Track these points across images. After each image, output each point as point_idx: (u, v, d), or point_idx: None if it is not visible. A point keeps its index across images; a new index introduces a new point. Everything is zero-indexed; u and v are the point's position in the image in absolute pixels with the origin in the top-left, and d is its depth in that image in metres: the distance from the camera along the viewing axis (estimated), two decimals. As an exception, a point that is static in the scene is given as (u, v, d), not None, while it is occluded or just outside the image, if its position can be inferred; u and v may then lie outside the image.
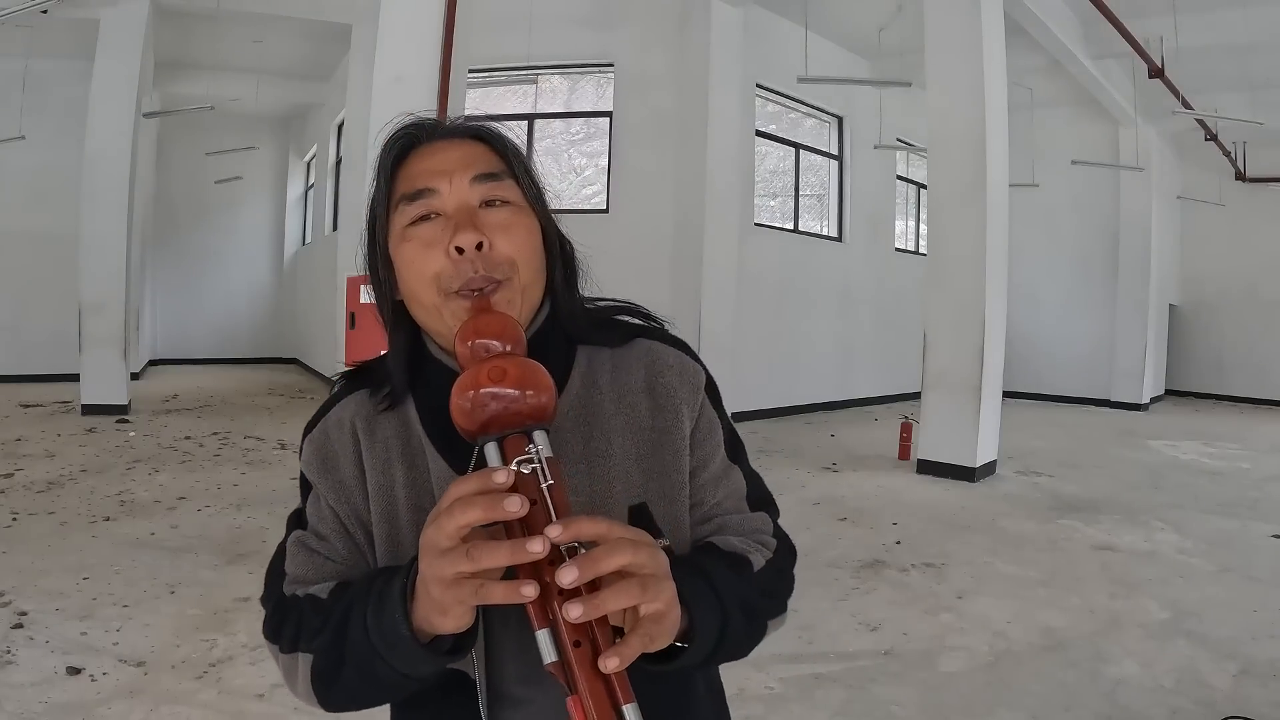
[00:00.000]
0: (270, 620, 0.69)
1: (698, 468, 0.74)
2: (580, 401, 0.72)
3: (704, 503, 0.74)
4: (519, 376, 0.57)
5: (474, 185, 0.67)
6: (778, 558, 0.74)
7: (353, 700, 0.65)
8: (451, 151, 0.69)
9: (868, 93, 9.28)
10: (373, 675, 0.61)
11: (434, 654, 0.59)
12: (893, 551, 4.07)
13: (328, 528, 0.72)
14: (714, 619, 0.63)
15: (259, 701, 2.34)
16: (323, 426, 0.74)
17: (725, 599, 0.64)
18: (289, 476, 5.23)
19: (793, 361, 8.98)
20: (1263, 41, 7.58)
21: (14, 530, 3.88)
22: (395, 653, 0.59)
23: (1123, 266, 10.89)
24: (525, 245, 0.68)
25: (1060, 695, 2.53)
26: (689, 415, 0.73)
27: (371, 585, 0.62)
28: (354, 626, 0.61)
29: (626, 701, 0.51)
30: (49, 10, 6.72)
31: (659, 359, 0.75)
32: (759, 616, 0.69)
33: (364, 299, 4.27)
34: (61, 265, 9.07)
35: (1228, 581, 3.72)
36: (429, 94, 4.28)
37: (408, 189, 0.68)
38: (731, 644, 0.65)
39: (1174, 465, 6.80)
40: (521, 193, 0.70)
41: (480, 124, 0.72)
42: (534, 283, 0.70)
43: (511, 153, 0.71)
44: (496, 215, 0.67)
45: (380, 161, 0.71)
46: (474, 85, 6.90)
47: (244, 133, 11.74)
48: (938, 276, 6.05)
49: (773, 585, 0.71)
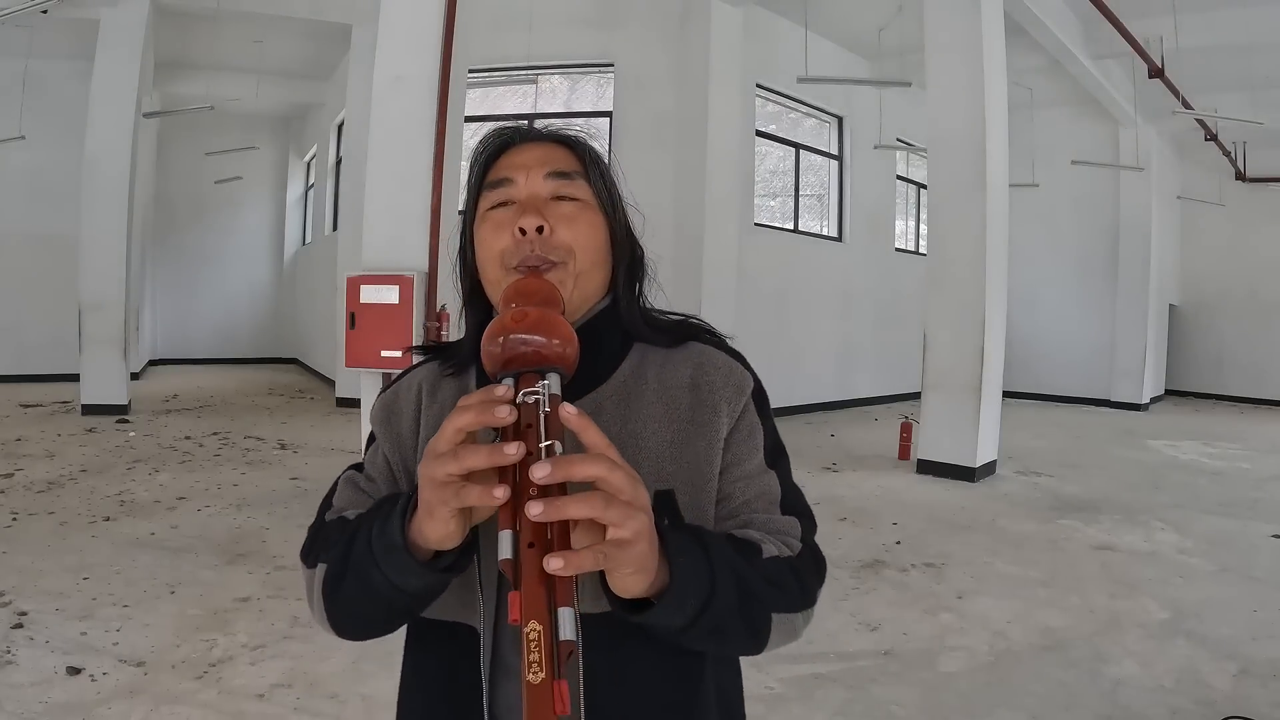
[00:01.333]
0: (306, 542, 0.74)
1: (730, 464, 0.75)
2: (625, 387, 0.76)
3: (732, 498, 0.74)
4: (538, 320, 0.61)
5: (547, 180, 0.75)
6: (797, 560, 0.71)
7: (353, 615, 0.69)
8: (535, 150, 0.77)
9: (868, 93, 9.28)
10: (368, 583, 0.65)
11: (426, 569, 0.62)
12: (893, 551, 4.07)
13: (378, 472, 0.79)
14: (699, 580, 0.61)
15: (259, 701, 2.34)
16: (394, 389, 0.83)
17: (716, 564, 0.62)
18: (289, 476, 5.23)
19: (793, 361, 8.98)
20: (1263, 41, 7.58)
21: (14, 530, 3.88)
22: (389, 560, 0.63)
23: (1123, 266, 10.89)
24: (585, 236, 0.74)
25: (1060, 695, 2.53)
26: (728, 415, 0.75)
27: (384, 502, 0.67)
28: (360, 536, 0.66)
29: (563, 604, 0.51)
30: (49, 10, 6.73)
31: (708, 360, 0.78)
32: (760, 601, 0.66)
33: (364, 299, 4.27)
34: (61, 265, 9.08)
35: (1228, 581, 3.72)
36: (429, 94, 4.27)
37: (492, 178, 0.77)
38: (721, 618, 0.63)
39: (1174, 465, 6.80)
40: (592, 194, 0.77)
41: (567, 132, 0.80)
42: (590, 272, 0.75)
43: (589, 158, 0.78)
44: (563, 207, 0.74)
45: (476, 156, 0.80)
46: (474, 85, 6.90)
47: (244, 133, 11.75)
48: (938, 276, 6.05)
49: (781, 578, 0.68)
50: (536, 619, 0.50)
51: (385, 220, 4.36)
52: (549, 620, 0.50)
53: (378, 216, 4.38)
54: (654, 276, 0.82)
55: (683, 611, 0.61)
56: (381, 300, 4.23)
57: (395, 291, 4.22)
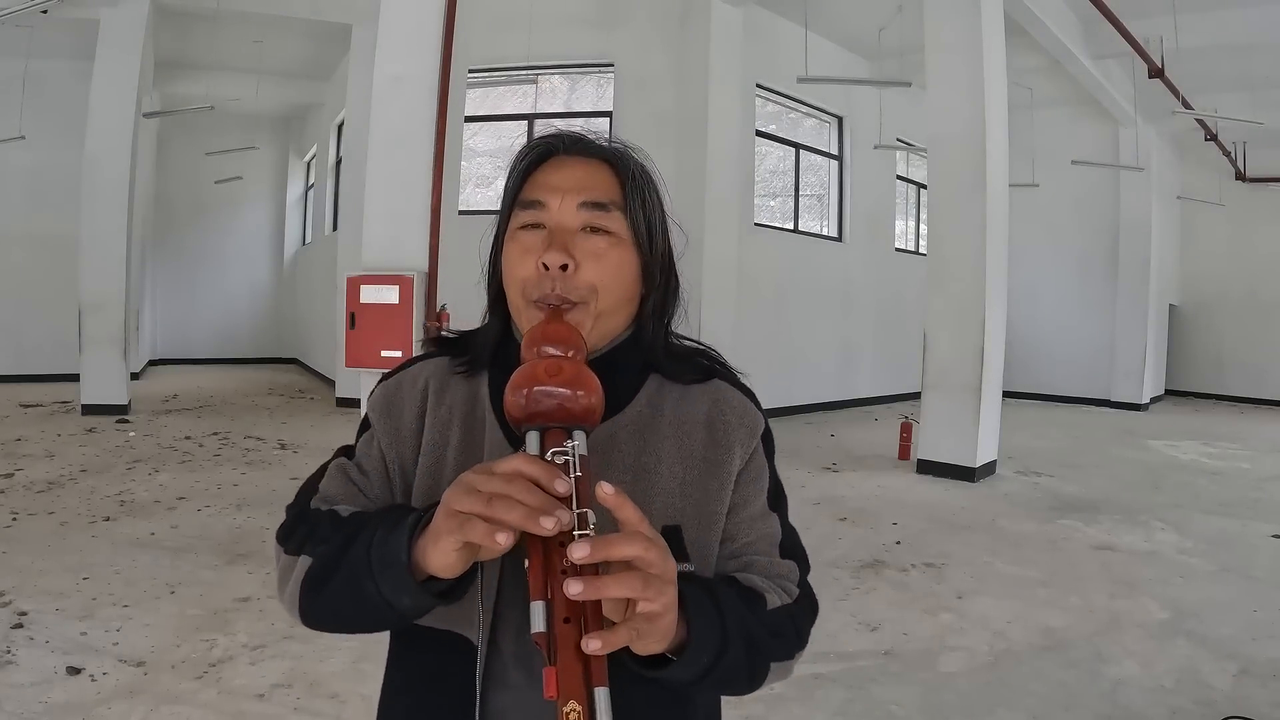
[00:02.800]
0: (286, 524, 0.73)
1: (737, 505, 0.75)
2: (641, 419, 0.75)
3: (736, 538, 0.75)
4: (571, 377, 0.60)
5: (580, 210, 0.71)
6: (795, 606, 0.74)
7: (332, 614, 0.68)
8: (575, 170, 0.73)
9: (868, 93, 9.27)
10: (358, 591, 0.64)
11: (421, 590, 0.61)
12: (893, 551, 4.07)
13: (372, 466, 0.76)
14: (713, 638, 0.63)
15: (259, 701, 2.34)
16: (398, 378, 0.80)
17: (728, 622, 0.65)
18: (289, 476, 5.23)
19: (793, 361, 8.98)
20: (1263, 41, 7.58)
21: (14, 530, 3.88)
22: (386, 574, 0.62)
23: (1123, 266, 10.89)
24: (612, 275, 0.71)
25: (1060, 695, 2.53)
26: (741, 455, 0.76)
27: (391, 511, 0.67)
28: (360, 541, 0.64)
29: (599, 684, 0.51)
30: (49, 10, 6.73)
31: (724, 399, 0.77)
32: (762, 653, 0.69)
33: (364, 299, 4.27)
34: (61, 265, 9.08)
35: (1228, 581, 3.72)
36: (429, 94, 4.27)
37: (526, 196, 0.73)
38: (728, 671, 0.66)
39: (1174, 465, 6.80)
40: (628, 226, 0.73)
41: (616, 150, 0.75)
42: (613, 311, 0.73)
43: (632, 182, 0.73)
44: (593, 243, 0.71)
45: (514, 164, 0.76)
46: (474, 85, 6.90)
47: (244, 133, 11.74)
48: (938, 276, 6.05)
49: (782, 628, 0.72)
50: (576, 699, 0.50)
51: (385, 220, 4.36)
52: (587, 701, 0.51)
53: (377, 216, 4.38)
54: (685, 308, 0.80)
55: (696, 669, 0.63)
56: (381, 300, 4.23)
57: (395, 291, 4.22)
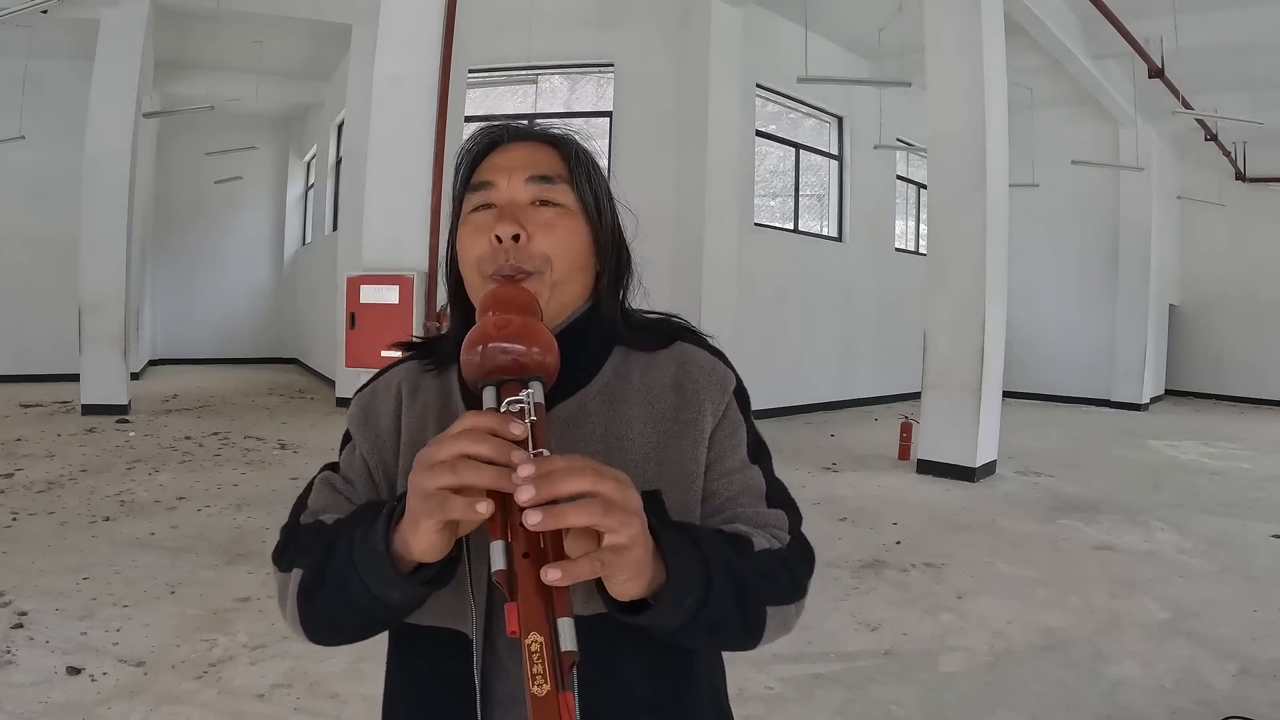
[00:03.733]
0: (279, 544, 0.73)
1: (715, 461, 0.74)
2: (608, 389, 0.75)
3: (718, 494, 0.74)
4: (520, 329, 0.61)
5: (528, 184, 0.73)
6: (787, 552, 0.72)
7: (329, 623, 0.68)
8: (519, 152, 0.75)
9: (868, 93, 9.27)
10: (347, 592, 0.63)
11: (408, 580, 0.61)
12: (893, 551, 4.07)
13: (356, 474, 0.77)
14: (694, 577, 0.61)
15: (259, 701, 2.34)
16: (372, 388, 0.81)
17: (711, 561, 0.62)
18: (289, 476, 5.23)
19: (793, 361, 8.98)
20: (1263, 41, 7.58)
21: (14, 530, 3.88)
22: (370, 570, 0.61)
23: (1123, 266, 10.89)
24: (563, 245, 0.73)
25: (1060, 695, 2.53)
26: (712, 413, 0.75)
27: (367, 508, 0.66)
28: (341, 543, 0.64)
29: (562, 615, 0.51)
30: (49, 10, 6.73)
31: (690, 359, 0.77)
32: (753, 596, 0.66)
33: (364, 299, 4.27)
34: (61, 265, 9.08)
35: (1228, 581, 3.72)
36: (429, 94, 4.28)
37: (475, 180, 0.76)
38: (718, 613, 0.63)
39: (1174, 465, 6.80)
40: (575, 198, 0.75)
41: (556, 131, 0.78)
42: (568, 281, 0.74)
43: (575, 159, 0.76)
44: (542, 214, 0.73)
45: (462, 154, 0.79)
46: (474, 85, 6.90)
47: (244, 133, 11.74)
48: (938, 276, 6.05)
49: (774, 571, 0.69)
50: (537, 630, 0.50)
51: (385, 220, 4.36)
52: (549, 631, 0.50)
53: (377, 216, 4.38)
54: (640, 281, 0.81)
55: (680, 611, 0.61)
56: (381, 300, 4.24)
57: (395, 291, 4.22)
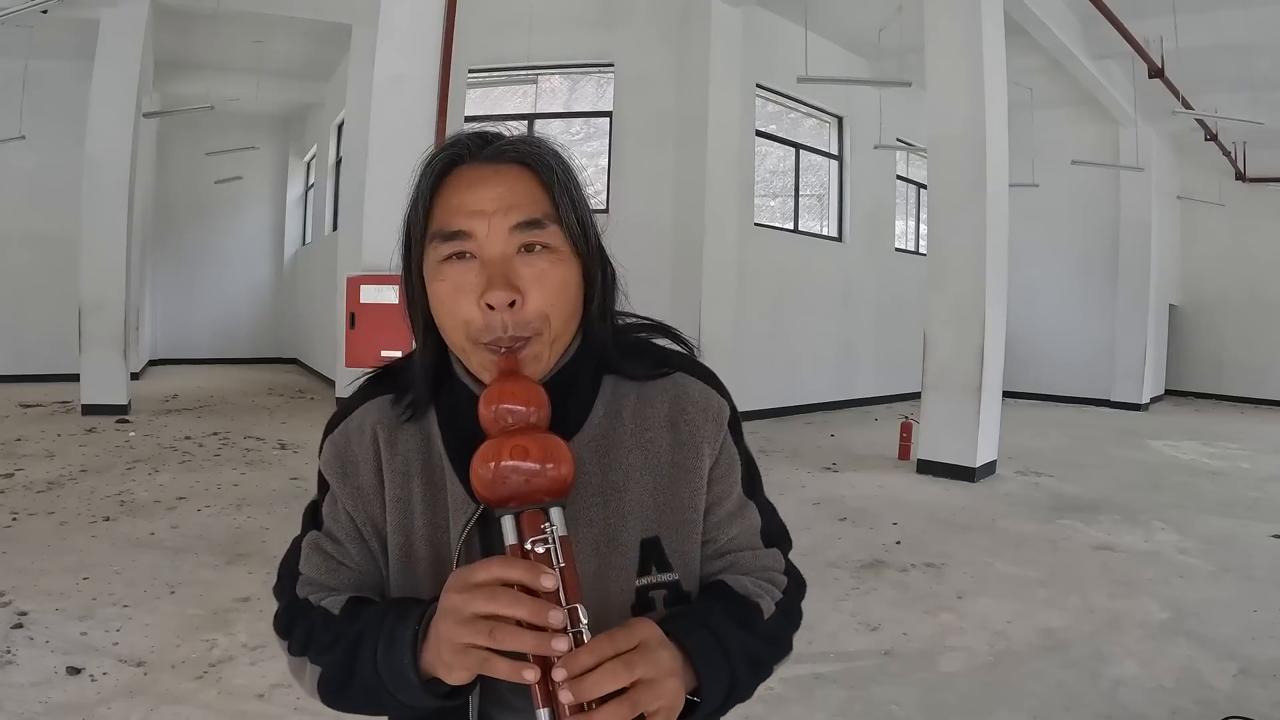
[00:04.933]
0: (282, 617, 0.72)
1: (714, 504, 0.74)
2: (601, 432, 0.71)
3: (717, 538, 0.75)
4: (541, 453, 0.59)
5: (513, 233, 0.64)
6: (787, 598, 0.76)
7: (357, 710, 0.69)
8: (493, 187, 0.65)
9: (868, 93, 9.27)
10: (378, 700, 0.66)
11: (440, 700, 0.63)
12: (893, 551, 4.07)
13: (343, 533, 0.73)
14: (722, 679, 0.65)
15: (259, 701, 2.34)
16: (344, 429, 0.74)
17: (733, 658, 0.66)
18: (289, 476, 5.23)
19: (793, 361, 8.98)
20: (1263, 41, 7.57)
21: (14, 530, 3.87)
22: (400, 689, 0.63)
23: (1123, 266, 10.89)
24: (559, 297, 0.66)
25: (1060, 695, 2.53)
26: (710, 453, 0.73)
27: (384, 621, 0.64)
28: (363, 658, 0.64)
29: None
30: (49, 10, 6.71)
31: (684, 394, 0.74)
32: (765, 666, 0.72)
33: (364, 299, 4.27)
34: (61, 265, 9.08)
35: (1228, 581, 3.72)
36: (429, 94, 4.28)
37: (444, 225, 0.66)
38: (738, 698, 0.69)
39: (1174, 465, 6.80)
40: (564, 236, 0.66)
41: (530, 149, 0.67)
42: (565, 330, 0.69)
43: (559, 185, 0.67)
44: (533, 266, 0.65)
45: (419, 184, 0.68)
46: (474, 85, 6.90)
47: (244, 133, 11.73)
48: (938, 276, 6.05)
49: (780, 632, 0.74)
50: None
51: (385, 220, 4.36)
52: None
53: (378, 216, 4.38)
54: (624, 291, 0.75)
55: (708, 710, 0.65)
56: (381, 300, 4.24)
57: (395, 291, 4.18)
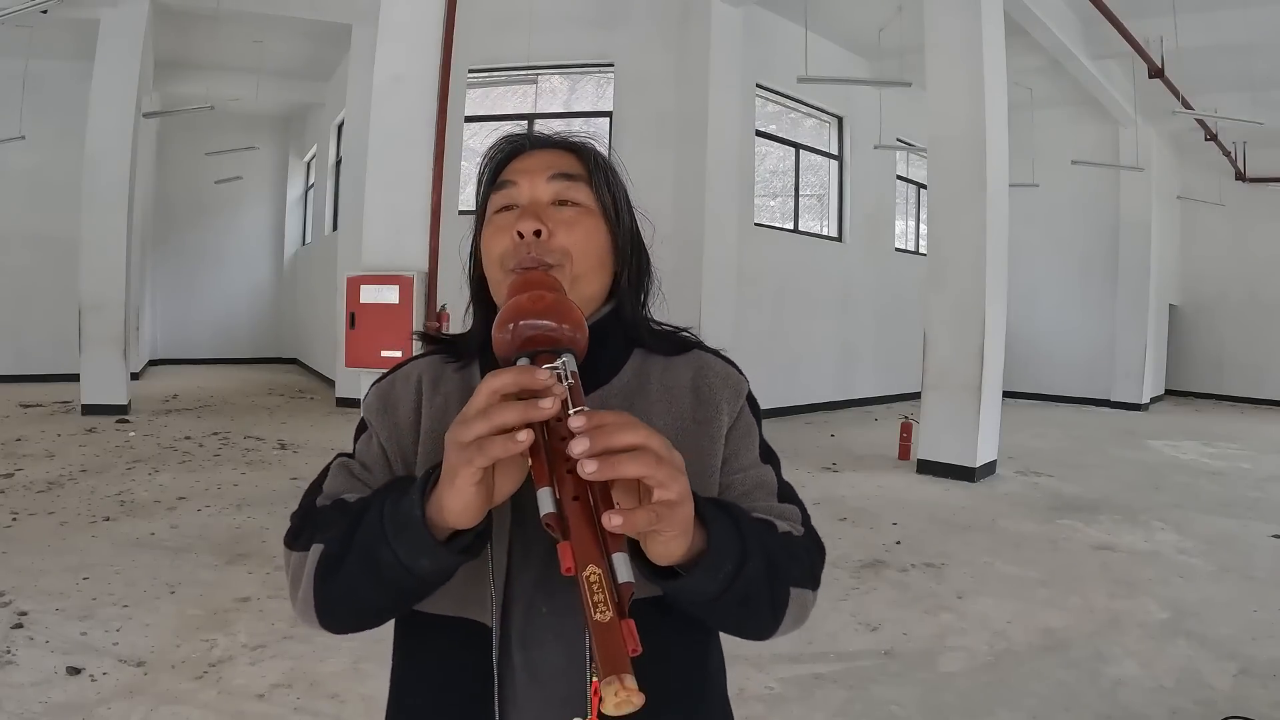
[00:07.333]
0: (293, 527, 0.73)
1: (730, 457, 0.77)
2: (629, 388, 0.78)
3: (732, 488, 0.76)
4: (553, 305, 0.63)
5: (549, 183, 0.76)
6: (805, 539, 0.76)
7: (347, 600, 0.67)
8: (541, 156, 0.79)
9: (868, 93, 9.27)
10: (374, 562, 0.63)
11: (441, 548, 0.61)
12: (893, 551, 4.07)
13: (374, 460, 0.78)
14: (732, 545, 0.63)
15: (259, 701, 2.34)
16: (391, 379, 0.83)
17: (746, 533, 0.64)
18: (289, 476, 5.23)
19: (793, 361, 8.98)
20: (1263, 41, 7.58)
21: (14, 530, 3.88)
22: (402, 536, 0.61)
23: (1123, 266, 10.89)
24: (583, 241, 0.75)
25: (1060, 695, 2.53)
26: (728, 413, 0.78)
27: (399, 480, 0.68)
28: (371, 512, 0.64)
29: (615, 550, 0.52)
30: (49, 10, 6.72)
31: (707, 364, 0.81)
32: (781, 573, 0.68)
33: (364, 299, 4.27)
34: (61, 265, 9.09)
35: (1228, 581, 3.72)
36: (429, 94, 4.28)
37: (499, 179, 0.79)
38: (751, 584, 0.64)
39: (1174, 465, 6.80)
40: (595, 199, 0.78)
41: (575, 138, 0.81)
42: (587, 277, 0.76)
43: (594, 164, 0.79)
44: (563, 212, 0.76)
45: (485, 161, 0.82)
46: (474, 85, 6.90)
47: (244, 133, 11.74)
48: (938, 276, 6.05)
49: (796, 552, 0.72)
50: (594, 563, 0.51)
51: (385, 220, 4.36)
52: (606, 565, 0.51)
53: (377, 216, 4.38)
54: (659, 288, 0.84)
55: (718, 577, 0.62)
56: (381, 300, 4.24)
57: (395, 291, 4.22)
